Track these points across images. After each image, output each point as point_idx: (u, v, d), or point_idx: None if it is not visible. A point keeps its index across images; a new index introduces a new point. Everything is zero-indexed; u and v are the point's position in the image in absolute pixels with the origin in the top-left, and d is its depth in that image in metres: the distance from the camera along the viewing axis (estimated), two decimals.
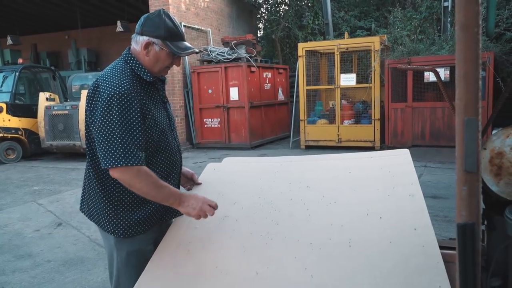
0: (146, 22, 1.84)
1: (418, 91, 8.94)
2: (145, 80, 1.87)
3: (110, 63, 1.97)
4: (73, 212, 5.72)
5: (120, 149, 1.69)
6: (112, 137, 1.70)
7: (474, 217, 0.88)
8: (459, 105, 0.87)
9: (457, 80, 0.87)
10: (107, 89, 1.73)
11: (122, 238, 1.89)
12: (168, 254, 1.91)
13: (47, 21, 18.37)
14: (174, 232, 2.01)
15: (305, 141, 10.13)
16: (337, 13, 13.71)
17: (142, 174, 1.74)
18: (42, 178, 8.24)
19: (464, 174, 0.87)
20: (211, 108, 10.84)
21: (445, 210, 4.96)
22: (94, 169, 1.90)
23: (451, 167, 7.37)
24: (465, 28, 0.84)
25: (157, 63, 1.87)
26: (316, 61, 10.41)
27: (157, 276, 1.82)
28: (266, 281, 1.64)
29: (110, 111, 1.70)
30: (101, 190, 1.89)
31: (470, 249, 0.87)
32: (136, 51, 1.88)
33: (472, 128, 0.85)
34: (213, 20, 13.18)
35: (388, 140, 9.23)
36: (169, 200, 1.82)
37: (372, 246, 1.68)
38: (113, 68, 1.85)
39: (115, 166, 1.69)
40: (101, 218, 1.92)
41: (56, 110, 10.11)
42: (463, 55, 0.85)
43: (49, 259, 4.14)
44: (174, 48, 1.84)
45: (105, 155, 1.70)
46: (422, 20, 11.26)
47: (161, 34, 1.82)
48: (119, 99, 1.71)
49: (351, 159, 2.44)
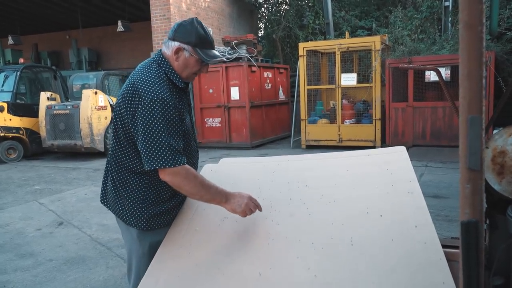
0: (179, 29, 1.91)
1: (419, 90, 8.94)
2: (178, 86, 1.93)
3: (111, 63, 2.01)
4: (74, 211, 5.73)
5: (168, 151, 1.76)
6: (158, 139, 1.76)
7: (477, 215, 0.89)
8: (463, 104, 0.87)
9: (461, 78, 0.87)
10: (148, 93, 1.79)
11: (145, 230, 1.96)
12: (169, 256, 1.91)
13: (48, 21, 18.40)
14: (174, 234, 2.01)
15: (306, 140, 10.13)
16: (337, 13, 13.71)
17: (191, 174, 1.82)
18: (43, 178, 8.25)
19: (467, 172, 0.88)
20: (212, 107, 10.84)
21: (447, 209, 4.96)
22: (120, 168, 1.97)
23: (452, 167, 7.37)
24: (468, 26, 0.85)
25: (186, 68, 1.93)
26: (316, 60, 10.41)
27: (158, 279, 1.82)
28: (270, 282, 1.64)
29: (153, 115, 1.76)
30: (125, 188, 1.96)
31: (474, 246, 0.88)
32: (166, 55, 1.93)
33: (476, 126, 0.86)
34: (214, 20, 13.19)
35: (389, 140, 9.23)
36: (216, 199, 1.88)
37: (374, 244, 1.68)
38: (148, 71, 1.89)
39: (164, 167, 1.76)
40: (124, 212, 1.98)
41: (57, 109, 10.12)
42: (467, 54, 0.86)
43: (51, 258, 4.14)
44: (203, 55, 1.89)
45: (152, 157, 1.77)
46: (423, 19, 11.27)
47: (192, 41, 1.87)
48: (162, 104, 1.77)
49: (348, 157, 2.44)
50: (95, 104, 9.83)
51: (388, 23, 12.01)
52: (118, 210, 2.01)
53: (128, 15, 15.73)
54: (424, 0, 11.89)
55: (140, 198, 1.95)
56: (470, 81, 0.86)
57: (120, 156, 1.95)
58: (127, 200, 1.96)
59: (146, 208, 1.96)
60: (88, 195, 6.63)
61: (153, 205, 1.96)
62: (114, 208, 2.03)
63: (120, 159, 1.96)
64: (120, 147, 1.94)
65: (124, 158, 1.94)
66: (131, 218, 1.97)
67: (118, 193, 1.99)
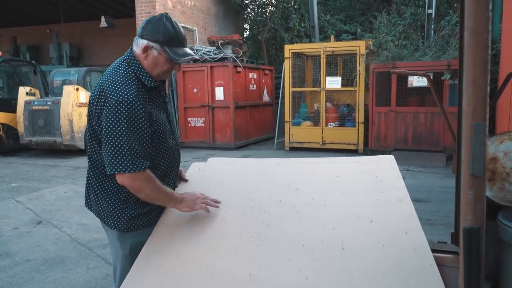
0: (147, 26, 1.84)
1: (401, 96, 9.05)
2: (146, 86, 1.87)
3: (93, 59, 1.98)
4: (53, 210, 5.61)
5: (128, 156, 1.73)
6: (120, 143, 1.72)
7: (479, 221, 0.89)
8: (467, 110, 0.87)
9: (465, 85, 0.87)
10: (114, 95, 1.73)
11: (126, 232, 1.93)
12: (156, 253, 1.87)
13: (28, 14, 17.98)
14: (160, 231, 1.98)
15: (290, 142, 10.15)
16: (323, 16, 13.79)
17: (150, 180, 1.80)
18: (21, 175, 8.06)
19: (470, 179, 0.88)
20: (196, 107, 10.77)
21: (428, 213, 5.03)
22: (94, 171, 1.94)
23: (433, 171, 7.49)
24: (474, 34, 0.85)
25: (156, 67, 1.87)
26: (301, 63, 10.45)
27: (144, 276, 1.77)
28: (260, 282, 1.62)
29: (117, 118, 1.71)
30: (103, 190, 1.93)
31: (475, 252, 0.88)
32: (136, 53, 1.88)
33: (480, 133, 0.86)
34: (199, 19, 13.12)
35: (371, 144, 9.31)
36: (172, 201, 1.90)
37: (365, 249, 1.68)
38: (116, 71, 1.85)
39: (123, 172, 1.73)
40: (105, 214, 1.95)
41: (36, 105, 9.90)
42: (472, 60, 0.86)
43: (29, 258, 4.04)
44: (172, 54, 1.83)
45: (112, 161, 1.73)
46: (406, 26, 11.42)
47: (160, 38, 1.81)
48: (127, 106, 1.72)
49: (337, 163, 2.47)
50: (76, 100, 9.66)
51: (372, 28, 12.13)
52: (100, 213, 1.98)
53: (112, 11, 15.50)
54: (408, 7, 12.06)
55: (121, 200, 1.92)
56: (475, 87, 0.86)
57: (96, 159, 1.91)
58: (107, 203, 1.93)
59: (126, 210, 1.92)
60: (68, 193, 6.50)
61: (134, 206, 1.93)
62: (97, 211, 2.00)
63: (96, 162, 1.92)
64: (94, 150, 1.90)
65: (99, 160, 1.89)
66: (112, 220, 1.93)
67: (98, 195, 1.96)
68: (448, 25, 9.86)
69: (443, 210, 5.17)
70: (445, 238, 3.84)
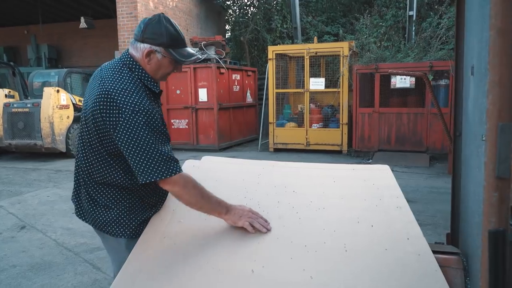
0: (147, 29, 1.75)
1: (384, 97, 9.14)
2: (154, 91, 1.83)
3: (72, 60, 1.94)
4: (36, 215, 5.46)
5: (160, 161, 1.67)
6: (148, 150, 1.66)
7: (503, 223, 0.88)
8: (493, 111, 0.86)
9: (490, 85, 0.86)
10: (129, 104, 1.66)
11: (134, 238, 1.85)
12: (152, 246, 1.80)
13: (4, 15, 17.59)
14: (156, 224, 1.91)
15: (274, 143, 10.14)
16: (305, 18, 13.85)
17: (189, 183, 1.75)
18: (1, 179, 7.85)
19: (495, 181, 0.87)
20: (179, 109, 10.67)
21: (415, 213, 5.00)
22: (93, 180, 1.85)
23: (417, 172, 7.57)
24: (502, 33, 0.84)
25: (159, 70, 1.82)
26: (285, 64, 10.46)
27: (141, 268, 1.69)
28: (264, 279, 1.58)
29: (140, 126, 1.65)
30: (107, 200, 1.85)
31: (501, 256, 0.87)
32: (136, 58, 1.80)
33: (507, 134, 0.85)
34: (181, 20, 13.03)
35: (355, 144, 9.37)
36: (216, 210, 1.81)
37: (368, 252, 1.67)
38: (120, 77, 1.75)
39: (160, 178, 1.67)
40: (108, 224, 1.85)
41: (16, 107, 9.67)
42: (499, 60, 0.85)
43: (14, 264, 3.92)
44: (178, 55, 1.78)
45: (145, 170, 1.66)
46: (388, 28, 11.55)
47: (164, 41, 1.75)
48: (145, 115, 1.67)
49: (333, 169, 2.48)
50: (57, 102, 9.46)
51: (354, 29, 12.24)
52: (100, 224, 1.87)
53: (92, 12, 15.29)
54: (389, 9, 12.21)
55: (127, 207, 1.85)
56: (501, 87, 0.85)
57: (96, 168, 1.81)
58: (111, 211, 1.84)
59: (134, 216, 1.86)
60: (51, 197, 6.35)
61: (140, 212, 1.87)
62: (94, 222, 1.89)
63: (95, 171, 1.82)
64: (95, 158, 1.80)
65: (100, 169, 1.80)
66: (118, 229, 1.85)
67: (98, 206, 1.85)
68: (429, 27, 10.01)
69: (430, 210, 5.23)
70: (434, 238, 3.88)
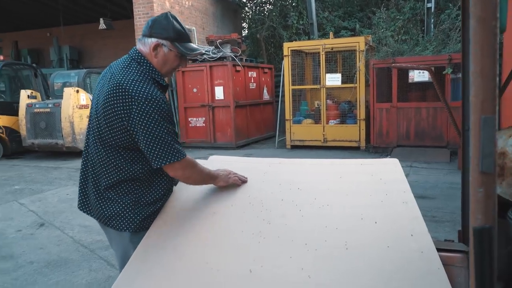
0: (154, 25, 1.89)
1: (403, 91, 8.99)
2: (161, 84, 1.92)
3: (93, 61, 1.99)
4: (56, 212, 5.58)
5: (171, 146, 1.80)
6: (162, 136, 1.78)
7: (490, 220, 0.85)
8: (475, 103, 0.83)
9: (473, 76, 0.83)
10: (141, 93, 1.77)
11: (138, 232, 1.92)
12: (154, 247, 1.84)
13: (28, 18, 18.00)
14: (158, 226, 1.94)
15: (291, 140, 10.11)
16: (321, 13, 13.74)
17: (194, 163, 1.94)
18: (24, 177, 8.04)
19: (480, 176, 0.84)
20: (196, 107, 10.73)
21: (433, 210, 4.98)
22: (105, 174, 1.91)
23: (437, 167, 7.43)
24: (482, 21, 0.81)
25: (165, 64, 1.92)
26: (301, 60, 10.39)
27: (142, 270, 1.73)
28: (261, 279, 1.58)
29: (153, 114, 1.76)
30: (114, 193, 1.91)
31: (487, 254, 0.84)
32: (144, 52, 1.90)
33: (490, 127, 0.82)
34: (197, 18, 13.07)
35: (373, 140, 9.25)
36: (213, 179, 2.06)
37: (370, 249, 1.64)
38: (129, 70, 1.86)
39: (173, 162, 1.81)
40: (113, 218, 1.92)
41: (38, 108, 9.89)
42: (480, 50, 0.81)
43: (32, 261, 4.01)
44: (183, 49, 1.89)
45: (159, 154, 1.79)
46: (405, 21, 11.35)
47: (170, 35, 1.87)
48: (156, 103, 1.77)
49: (341, 165, 2.45)
50: (76, 102, 9.64)
51: (371, 24, 12.07)
52: (105, 217, 1.93)
53: (110, 13, 15.48)
54: (407, 2, 11.99)
55: (133, 201, 1.90)
56: (483, 78, 0.82)
57: (108, 160, 1.88)
58: (118, 205, 1.90)
59: (139, 210, 1.91)
60: (70, 195, 6.47)
61: (146, 206, 1.92)
62: (100, 215, 1.95)
63: (108, 163, 1.88)
64: (108, 154, 1.87)
65: (113, 161, 1.87)
66: (123, 222, 1.91)
67: (104, 199, 1.92)
68: (448, 19, 9.79)
69: (449, 206, 5.12)
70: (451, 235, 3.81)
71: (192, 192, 2.15)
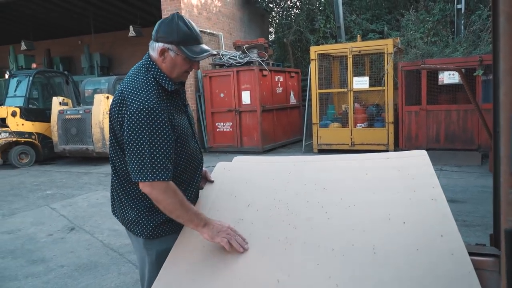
0: (160, 28, 1.84)
1: (432, 94, 8.81)
2: (167, 90, 1.85)
3: (122, 67, 1.98)
4: (86, 217, 5.71)
5: (148, 164, 1.70)
6: (141, 151, 1.71)
7: None
8: (505, 102, 0.80)
9: (503, 74, 0.81)
10: (134, 102, 1.73)
11: (151, 239, 1.91)
12: (183, 259, 1.83)
13: (60, 27, 18.56)
14: (186, 237, 1.94)
15: (318, 144, 10.04)
16: (348, 17, 13.63)
17: (170, 190, 1.75)
18: (55, 183, 8.27)
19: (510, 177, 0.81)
20: (223, 112, 10.81)
21: (464, 214, 4.85)
22: (119, 178, 1.93)
23: (468, 171, 7.24)
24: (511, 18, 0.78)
25: (174, 68, 1.85)
26: (328, 64, 10.33)
27: (171, 282, 1.75)
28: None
29: (139, 125, 1.71)
30: (128, 198, 1.92)
31: None
32: (153, 58, 1.86)
33: None
34: (224, 24, 13.19)
35: (402, 144, 9.10)
36: (194, 222, 1.79)
37: (398, 253, 1.60)
38: (136, 77, 1.84)
39: (144, 180, 1.71)
40: (130, 222, 1.94)
41: (69, 114, 10.17)
42: (510, 47, 0.79)
43: (62, 264, 4.11)
44: (189, 52, 1.80)
45: (135, 169, 1.73)
46: (435, 22, 11.13)
47: (175, 39, 1.79)
48: (148, 113, 1.71)
49: (366, 160, 2.32)
50: (106, 108, 9.84)
51: (399, 26, 11.90)
52: (125, 220, 1.97)
53: (140, 20, 15.80)
54: (436, 3, 11.77)
55: (146, 207, 1.90)
56: None
57: (120, 166, 1.90)
58: (132, 210, 1.92)
59: (152, 217, 1.90)
60: (100, 200, 6.61)
61: (159, 213, 1.88)
62: (122, 218, 2.00)
63: (120, 169, 1.91)
64: (118, 157, 1.89)
65: (123, 168, 1.88)
66: (137, 228, 1.92)
67: (123, 203, 1.95)
68: (479, 20, 9.56)
69: (480, 210, 4.98)
70: (482, 240, 3.70)
71: (217, 198, 2.13)
